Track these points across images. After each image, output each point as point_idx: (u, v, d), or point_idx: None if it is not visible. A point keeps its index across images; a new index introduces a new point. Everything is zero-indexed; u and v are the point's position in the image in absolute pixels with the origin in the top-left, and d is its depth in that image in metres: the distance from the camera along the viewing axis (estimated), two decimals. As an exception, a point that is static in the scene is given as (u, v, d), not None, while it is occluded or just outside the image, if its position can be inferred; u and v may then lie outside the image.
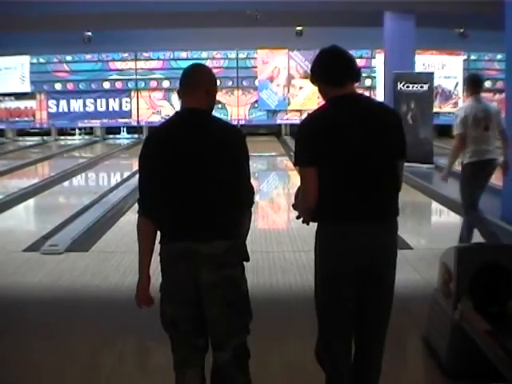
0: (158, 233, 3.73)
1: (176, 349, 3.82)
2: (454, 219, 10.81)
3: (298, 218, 4.00)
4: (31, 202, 12.98)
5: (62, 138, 26.25)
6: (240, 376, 3.78)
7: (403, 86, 16.36)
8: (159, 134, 3.73)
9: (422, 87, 16.17)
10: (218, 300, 3.63)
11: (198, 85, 3.72)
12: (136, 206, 3.73)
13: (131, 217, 10.98)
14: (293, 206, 3.98)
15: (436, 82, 23.27)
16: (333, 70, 3.92)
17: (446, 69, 24.49)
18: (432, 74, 17.42)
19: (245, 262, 3.74)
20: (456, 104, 24.76)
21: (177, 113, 3.81)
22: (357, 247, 3.76)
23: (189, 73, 3.79)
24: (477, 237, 8.13)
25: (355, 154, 3.73)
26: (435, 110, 22.78)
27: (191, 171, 3.59)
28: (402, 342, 5.50)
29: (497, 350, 3.95)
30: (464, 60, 24.80)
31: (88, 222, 10.27)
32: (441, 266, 5.08)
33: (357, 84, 3.99)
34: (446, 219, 11.50)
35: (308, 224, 3.93)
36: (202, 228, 3.60)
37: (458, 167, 8.57)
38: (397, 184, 3.90)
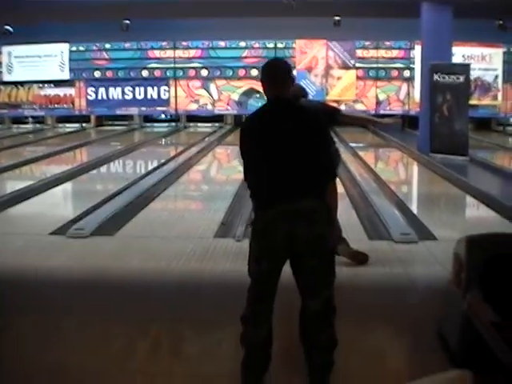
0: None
1: (254, 302, 4.32)
2: (484, 212, 10.71)
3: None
4: (64, 187, 13.08)
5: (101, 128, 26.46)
6: (327, 328, 4.30)
7: (439, 77, 16.18)
8: (258, 118, 4.48)
9: (458, 78, 15.96)
10: (313, 253, 4.21)
11: (284, 78, 4.51)
12: (165, 193, 3.84)
13: (160, 203, 11.08)
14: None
15: (475, 74, 23.07)
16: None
17: (485, 61, 24.17)
18: (468, 65, 17.20)
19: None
20: (495, 97, 24.47)
21: (269, 101, 4.48)
22: None
23: (275, 67, 4.60)
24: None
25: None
26: (474, 102, 22.64)
27: (285, 146, 4.28)
28: (416, 332, 5.47)
29: (499, 342, 3.91)
30: (504, 52, 24.43)
31: (116, 207, 10.32)
32: (454, 255, 5.03)
33: (395, 75, 4.71)
34: (476, 212, 11.34)
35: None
36: (294, 190, 4.23)
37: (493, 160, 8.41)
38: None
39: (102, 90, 25.74)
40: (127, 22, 22.57)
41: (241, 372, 4.36)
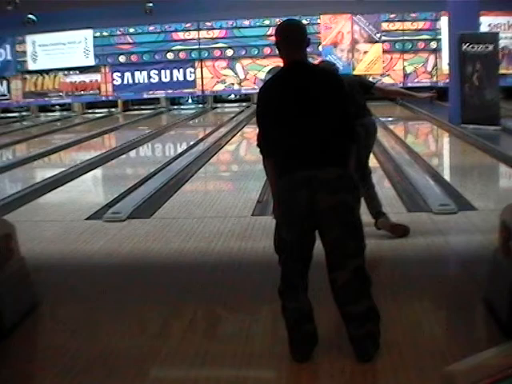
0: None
1: (286, 274, 4.25)
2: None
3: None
4: (96, 172, 13.15)
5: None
6: (363, 299, 4.17)
7: (468, 46, 15.98)
8: (276, 83, 4.35)
9: (487, 48, 15.75)
10: (336, 223, 4.09)
11: (299, 39, 4.34)
12: (197, 174, 3.77)
13: (193, 184, 11.05)
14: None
15: (502, 43, 22.75)
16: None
17: (512, 29, 23.83)
18: (497, 33, 16.94)
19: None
20: (524, 65, 24.13)
21: (285, 65, 4.36)
22: None
23: (288, 28, 4.41)
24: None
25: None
26: (502, 71, 22.31)
27: (305, 110, 4.16)
28: (462, 302, 5.39)
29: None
30: (532, 20, 24.07)
31: (151, 190, 10.30)
32: (500, 223, 4.94)
33: (421, 47, 4.62)
34: (512, 181, 11.25)
35: None
36: (317, 157, 4.12)
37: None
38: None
39: (127, 75, 25.72)
40: (150, 4, 22.57)
41: (289, 350, 4.32)
